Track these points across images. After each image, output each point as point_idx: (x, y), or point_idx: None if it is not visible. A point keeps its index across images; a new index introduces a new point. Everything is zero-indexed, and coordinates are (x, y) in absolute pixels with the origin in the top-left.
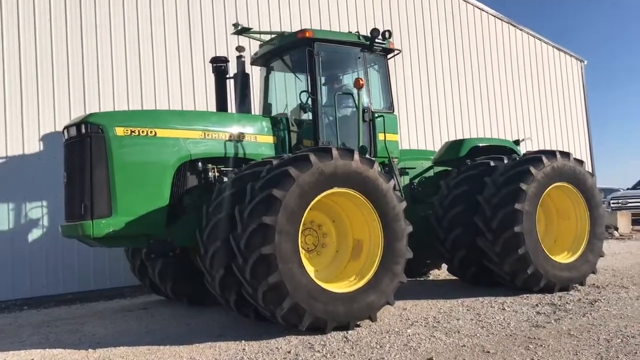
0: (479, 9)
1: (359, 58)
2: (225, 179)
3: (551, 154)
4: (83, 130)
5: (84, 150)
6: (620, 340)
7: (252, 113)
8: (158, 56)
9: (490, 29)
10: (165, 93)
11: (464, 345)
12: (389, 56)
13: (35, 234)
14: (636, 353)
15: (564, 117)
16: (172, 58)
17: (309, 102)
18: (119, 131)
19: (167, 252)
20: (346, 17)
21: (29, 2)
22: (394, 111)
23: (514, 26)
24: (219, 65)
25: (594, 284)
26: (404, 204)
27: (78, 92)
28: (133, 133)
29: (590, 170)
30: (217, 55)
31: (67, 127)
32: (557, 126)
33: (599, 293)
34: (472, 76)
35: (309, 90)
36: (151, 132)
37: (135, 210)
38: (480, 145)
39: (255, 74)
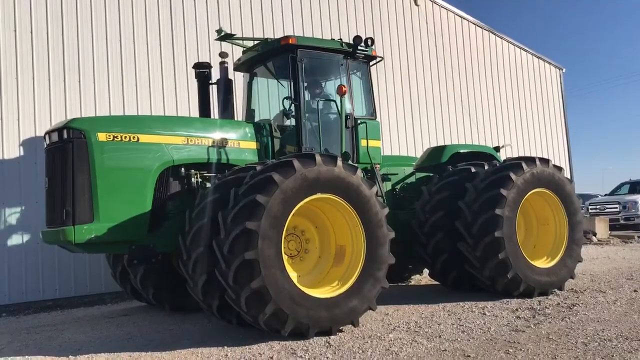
0: (460, 17)
1: (342, 65)
2: (209, 185)
3: (531, 160)
4: (65, 136)
5: (66, 155)
6: (597, 343)
7: (235, 119)
8: (140, 61)
9: (472, 36)
10: (148, 98)
11: (445, 350)
12: (371, 63)
13: (14, 240)
14: (613, 356)
15: (543, 124)
16: (155, 63)
17: (292, 108)
18: (102, 136)
19: (149, 258)
20: (329, 24)
21: (9, 6)
22: (376, 117)
23: (495, 34)
24: (201, 70)
25: (572, 289)
26: (386, 210)
27: (59, 97)
28: (115, 138)
29: (568, 177)
30: (200, 60)
31: (48, 132)
32: (536, 133)
33: (577, 297)
34: (454, 83)
35: (292, 96)
36: (134, 137)
37: (117, 216)
38: (461, 151)
39: (238, 79)
